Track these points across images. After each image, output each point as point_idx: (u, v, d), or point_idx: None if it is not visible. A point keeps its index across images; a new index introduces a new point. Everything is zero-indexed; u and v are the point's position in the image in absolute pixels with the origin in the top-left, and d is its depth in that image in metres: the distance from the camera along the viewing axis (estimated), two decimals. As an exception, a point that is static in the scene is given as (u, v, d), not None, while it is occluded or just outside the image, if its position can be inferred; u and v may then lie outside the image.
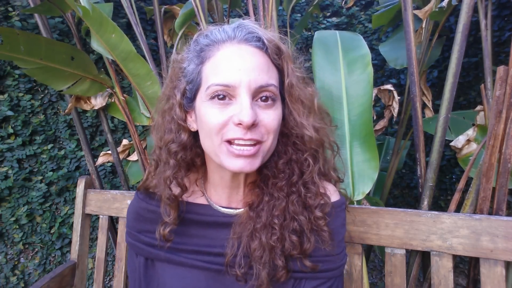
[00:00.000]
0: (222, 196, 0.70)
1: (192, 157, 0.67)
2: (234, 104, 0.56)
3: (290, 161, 0.65)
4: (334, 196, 0.70)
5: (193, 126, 0.65)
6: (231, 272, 0.63)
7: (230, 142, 0.57)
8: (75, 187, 1.48)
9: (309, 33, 3.21)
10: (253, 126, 0.55)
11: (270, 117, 0.58)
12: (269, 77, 0.59)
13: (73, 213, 2.11)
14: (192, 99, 0.63)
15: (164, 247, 0.69)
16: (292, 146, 0.65)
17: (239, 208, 0.69)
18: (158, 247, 0.69)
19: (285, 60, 0.62)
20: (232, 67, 0.56)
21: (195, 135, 0.66)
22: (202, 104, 0.59)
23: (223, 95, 0.56)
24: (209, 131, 0.58)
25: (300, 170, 0.65)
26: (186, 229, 0.69)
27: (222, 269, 0.65)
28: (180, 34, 1.48)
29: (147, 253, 0.71)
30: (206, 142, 0.61)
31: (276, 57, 0.61)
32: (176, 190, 0.66)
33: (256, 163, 0.58)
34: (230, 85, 0.56)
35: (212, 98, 0.57)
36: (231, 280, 0.65)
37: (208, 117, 0.57)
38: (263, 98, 0.58)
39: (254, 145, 0.57)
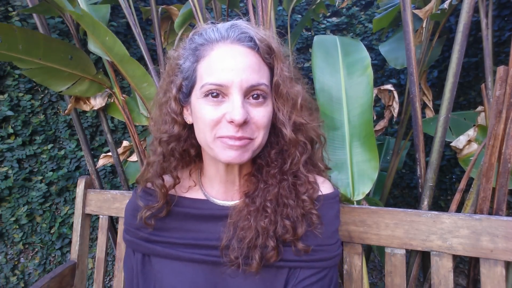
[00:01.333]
0: (219, 190, 0.72)
1: (186, 148, 0.71)
2: (226, 102, 0.60)
3: (281, 151, 0.70)
4: (327, 189, 0.73)
5: (189, 119, 0.69)
6: (226, 257, 0.65)
7: (222, 138, 0.60)
8: (75, 187, 1.48)
9: (309, 33, 3.21)
10: (244, 123, 0.59)
11: (260, 114, 0.62)
12: (260, 77, 0.62)
13: (73, 213, 2.11)
14: (188, 94, 0.67)
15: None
16: (283, 138, 0.68)
17: (235, 200, 0.72)
18: (154, 242, 0.71)
19: (276, 60, 0.65)
20: (225, 67, 0.59)
21: (190, 127, 0.70)
22: (197, 100, 0.63)
23: (217, 93, 0.60)
24: (204, 127, 0.62)
25: (291, 160, 0.69)
26: (183, 224, 0.71)
27: (220, 261, 0.66)
28: (179, 34, 1.47)
29: (144, 249, 0.72)
30: (201, 136, 0.64)
31: (267, 56, 0.64)
32: (168, 181, 0.71)
33: (245, 156, 0.62)
34: (223, 85, 0.59)
35: (206, 95, 0.61)
36: (229, 272, 0.66)
37: (202, 113, 0.61)
38: (255, 96, 0.61)
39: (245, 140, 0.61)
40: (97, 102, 1.42)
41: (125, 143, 1.57)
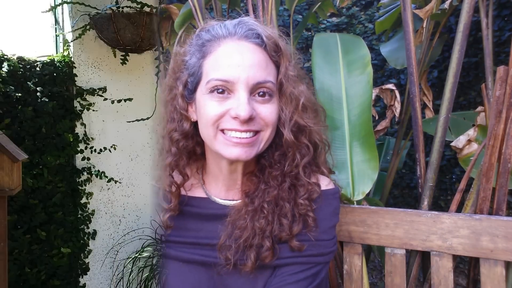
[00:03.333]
0: (221, 188, 0.71)
1: (193, 145, 0.70)
2: (232, 98, 0.60)
3: (285, 153, 0.68)
4: (326, 186, 0.72)
5: (193, 117, 0.68)
6: (222, 255, 0.64)
7: (224, 131, 0.60)
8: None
9: (309, 33, 3.21)
10: (250, 119, 0.58)
11: (268, 110, 0.61)
12: (267, 74, 0.61)
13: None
14: (193, 91, 0.66)
15: (164, 236, 0.70)
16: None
17: (236, 199, 0.70)
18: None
19: (282, 58, 0.64)
20: (232, 63, 0.59)
21: (195, 124, 0.68)
22: (202, 96, 0.62)
23: (222, 89, 0.59)
24: (206, 122, 0.61)
25: (290, 161, 0.68)
26: (185, 223, 0.70)
27: (218, 260, 0.65)
28: (180, 33, 1.47)
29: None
30: (204, 132, 0.64)
31: (274, 54, 0.63)
32: (178, 178, 0.69)
33: (253, 152, 0.61)
34: (229, 81, 0.58)
35: (212, 91, 0.60)
36: (224, 271, 0.65)
37: (206, 108, 0.61)
38: (261, 93, 0.61)
39: (252, 136, 0.60)
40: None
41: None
